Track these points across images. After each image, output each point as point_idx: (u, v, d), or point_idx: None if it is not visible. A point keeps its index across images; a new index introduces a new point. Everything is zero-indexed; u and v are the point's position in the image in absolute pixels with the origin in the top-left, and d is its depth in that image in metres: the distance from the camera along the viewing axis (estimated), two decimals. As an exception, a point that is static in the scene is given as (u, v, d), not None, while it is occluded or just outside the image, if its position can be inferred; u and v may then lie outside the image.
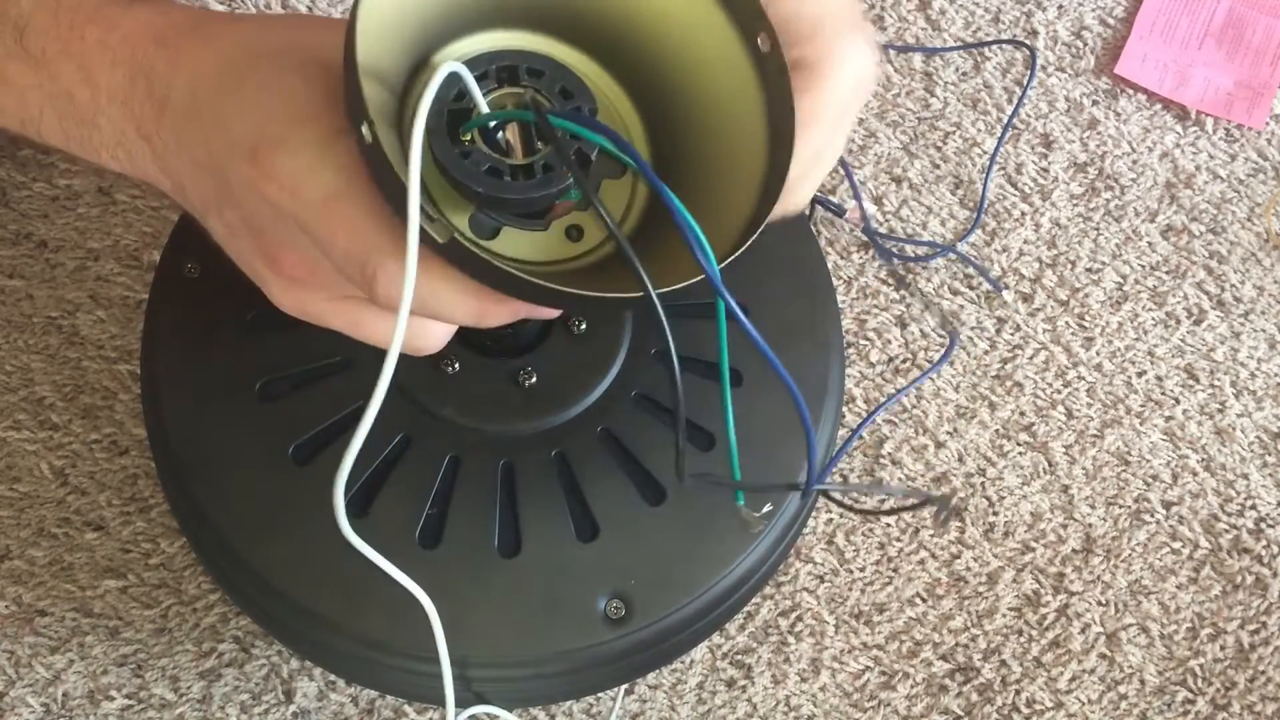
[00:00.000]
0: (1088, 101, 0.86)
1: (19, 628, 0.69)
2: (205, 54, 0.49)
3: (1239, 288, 0.82)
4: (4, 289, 0.75)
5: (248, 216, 0.47)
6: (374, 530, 0.58)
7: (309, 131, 0.45)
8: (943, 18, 0.88)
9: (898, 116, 0.85)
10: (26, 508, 0.71)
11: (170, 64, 0.49)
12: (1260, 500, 0.76)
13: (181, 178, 0.50)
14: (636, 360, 0.62)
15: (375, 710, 0.69)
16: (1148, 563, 0.74)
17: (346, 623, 0.58)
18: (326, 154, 0.45)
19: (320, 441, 0.60)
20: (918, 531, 0.74)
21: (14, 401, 0.73)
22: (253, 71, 0.47)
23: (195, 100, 0.48)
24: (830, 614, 0.72)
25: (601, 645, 0.58)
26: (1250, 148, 0.86)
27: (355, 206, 0.44)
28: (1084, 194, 0.84)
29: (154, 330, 0.62)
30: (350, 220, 0.44)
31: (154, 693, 0.68)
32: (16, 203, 0.77)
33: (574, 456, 0.60)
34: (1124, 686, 0.72)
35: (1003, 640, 0.72)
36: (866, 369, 0.78)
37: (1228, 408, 0.78)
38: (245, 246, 0.49)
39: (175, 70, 0.49)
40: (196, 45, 0.49)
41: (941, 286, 0.80)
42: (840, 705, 0.71)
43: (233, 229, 0.49)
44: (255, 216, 0.46)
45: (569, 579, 0.58)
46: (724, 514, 0.60)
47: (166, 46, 0.49)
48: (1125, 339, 0.80)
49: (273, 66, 0.47)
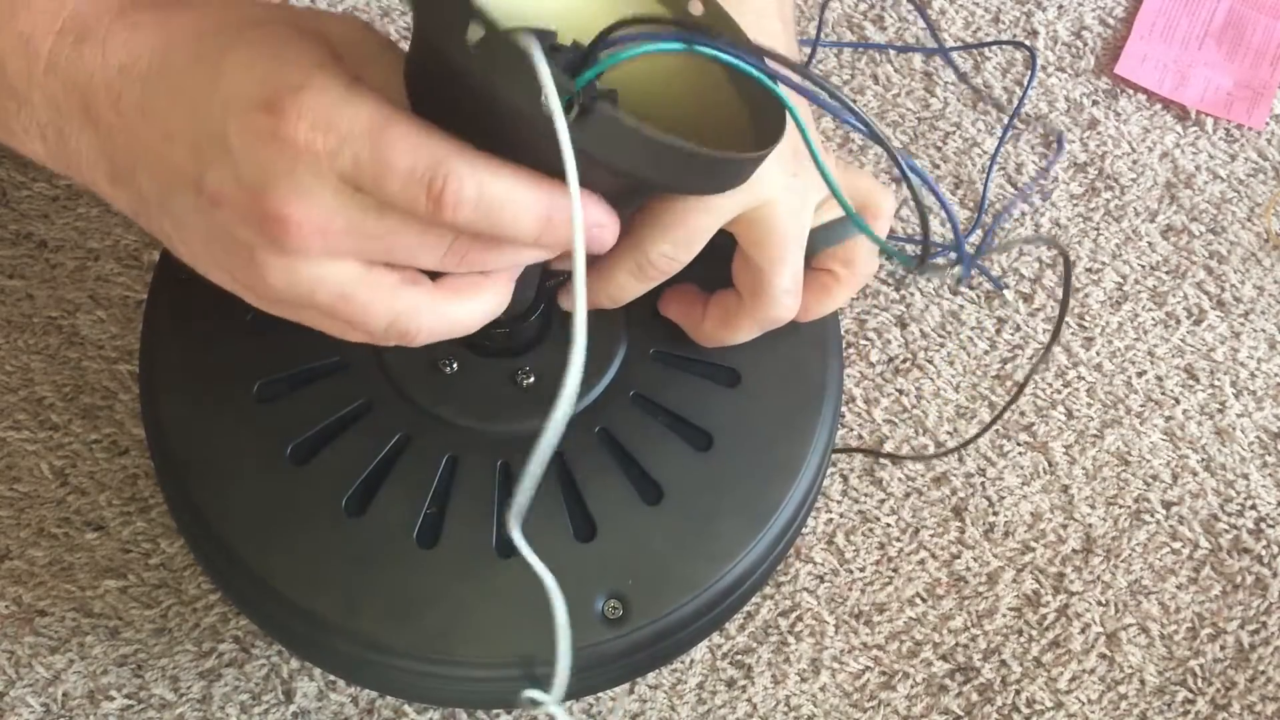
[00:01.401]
0: (1088, 101, 0.86)
1: (19, 628, 0.69)
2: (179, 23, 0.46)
3: (1239, 288, 0.81)
4: (4, 289, 0.75)
5: (247, 175, 0.43)
6: (372, 530, 0.58)
7: (329, 75, 0.43)
8: (943, 18, 0.88)
9: (898, 116, 0.85)
10: (26, 508, 0.71)
11: (132, 32, 0.46)
12: (1260, 500, 0.76)
13: (134, 156, 0.47)
14: (634, 360, 0.62)
15: (375, 710, 0.69)
16: (1148, 563, 0.74)
17: (346, 623, 0.57)
18: (356, 91, 0.43)
19: (318, 441, 0.60)
20: (918, 531, 0.74)
21: (14, 401, 0.73)
22: (244, 32, 0.45)
23: (170, 66, 0.45)
24: (830, 614, 0.72)
25: (599, 645, 0.58)
26: (1250, 148, 0.86)
27: (407, 125, 0.43)
28: (1084, 194, 0.84)
29: (152, 330, 0.62)
30: (405, 138, 0.42)
31: (154, 693, 0.68)
32: (16, 203, 0.77)
33: (571, 456, 0.60)
34: (1124, 686, 0.72)
35: (1003, 640, 0.72)
36: (866, 369, 0.78)
37: (1228, 408, 0.78)
38: (232, 216, 0.44)
39: (140, 36, 0.46)
40: (166, 17, 0.47)
41: (942, 286, 0.80)
42: (840, 705, 0.70)
43: (216, 199, 0.44)
44: (261, 172, 0.43)
45: (566, 579, 0.58)
46: (722, 513, 0.60)
47: (127, 17, 0.47)
48: (1125, 339, 0.80)
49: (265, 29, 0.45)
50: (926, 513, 0.74)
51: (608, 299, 0.57)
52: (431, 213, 0.43)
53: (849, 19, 0.88)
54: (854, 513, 0.74)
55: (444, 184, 0.42)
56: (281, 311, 0.48)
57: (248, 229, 0.44)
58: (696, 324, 0.61)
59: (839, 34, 0.87)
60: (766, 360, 0.62)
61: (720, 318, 0.60)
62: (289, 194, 0.43)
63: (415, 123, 0.43)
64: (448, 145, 0.43)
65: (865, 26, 0.88)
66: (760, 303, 0.58)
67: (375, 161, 0.42)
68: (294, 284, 0.45)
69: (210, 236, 0.46)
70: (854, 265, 0.60)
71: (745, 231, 0.56)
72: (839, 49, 0.87)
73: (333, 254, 0.45)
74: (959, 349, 0.79)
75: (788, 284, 0.58)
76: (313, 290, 0.45)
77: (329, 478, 0.59)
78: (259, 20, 0.46)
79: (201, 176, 0.45)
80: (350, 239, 0.44)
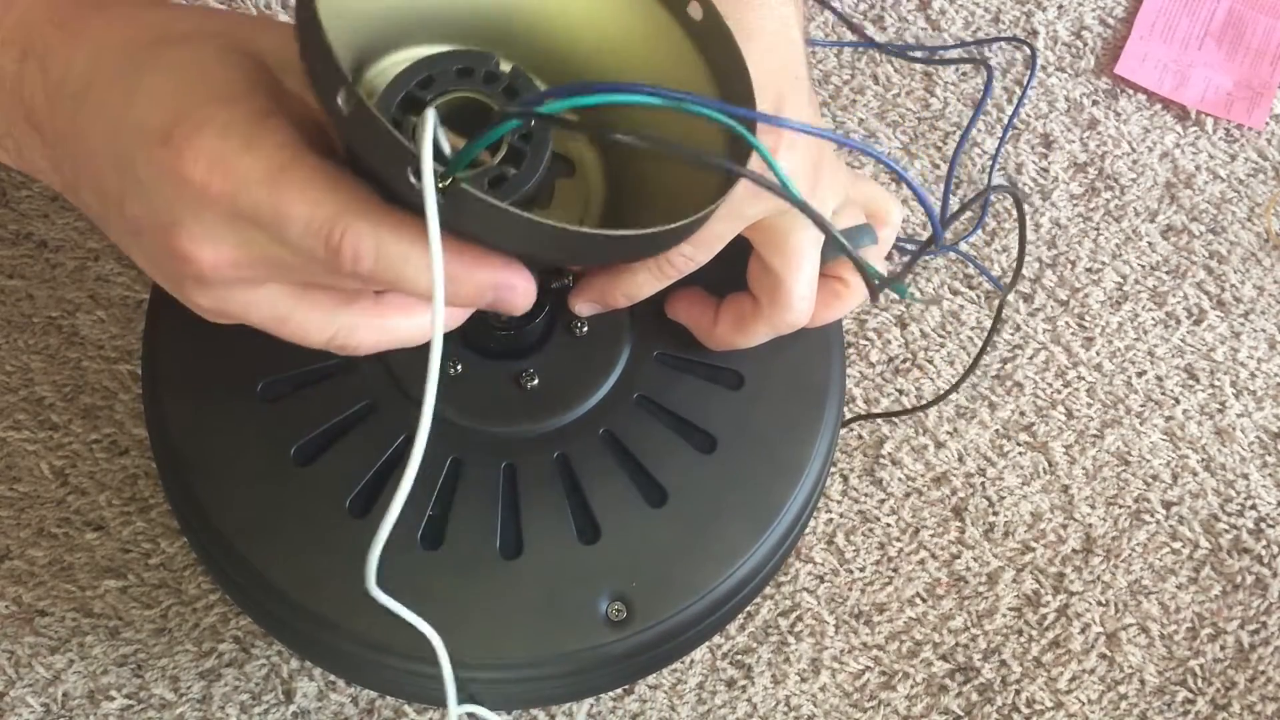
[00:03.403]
0: (1088, 101, 0.86)
1: (19, 628, 0.69)
2: (109, 34, 0.46)
3: (1239, 288, 0.82)
4: (4, 289, 0.75)
5: (157, 209, 0.43)
6: (375, 531, 0.58)
7: (236, 111, 0.42)
8: (943, 18, 0.88)
9: (898, 116, 0.85)
10: (26, 508, 0.71)
11: (69, 45, 0.46)
12: (1260, 500, 0.76)
13: (76, 171, 0.46)
14: (638, 362, 0.62)
15: (375, 710, 0.69)
16: (1148, 563, 0.74)
17: (347, 623, 0.57)
18: (262, 130, 0.42)
19: (322, 442, 0.59)
20: (918, 531, 0.74)
21: (14, 401, 0.73)
22: (164, 52, 0.44)
23: (95, 83, 0.45)
24: (830, 614, 0.72)
25: (603, 647, 0.58)
26: (1250, 148, 0.86)
27: (309, 174, 0.41)
28: (1084, 194, 0.84)
29: (155, 330, 0.62)
30: (306, 188, 0.41)
31: (154, 693, 0.68)
32: (16, 203, 0.77)
33: (576, 458, 0.60)
34: (1124, 686, 0.72)
35: (1003, 640, 0.72)
36: (866, 369, 0.78)
37: (1228, 408, 0.78)
38: (152, 245, 0.44)
39: (74, 51, 0.45)
40: (100, 27, 0.46)
41: (942, 286, 0.80)
42: (840, 705, 0.71)
43: (136, 226, 0.45)
44: (168, 208, 0.43)
45: (570, 581, 0.58)
46: (726, 515, 0.60)
47: (65, 28, 0.46)
48: (1125, 339, 0.80)
49: (187, 49, 0.44)
50: (926, 513, 0.75)
51: (624, 297, 0.57)
52: (329, 262, 0.42)
53: (849, 18, 0.88)
54: (854, 513, 0.74)
55: (341, 237, 0.41)
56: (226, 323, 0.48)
57: (165, 260, 0.44)
58: (708, 328, 0.61)
59: (839, 34, 0.87)
60: (770, 363, 0.62)
61: (734, 322, 0.60)
62: (194, 232, 0.43)
63: (317, 170, 0.42)
64: (349, 197, 0.42)
65: (865, 27, 0.87)
66: (777, 308, 0.58)
67: (272, 209, 0.41)
68: (226, 310, 0.46)
69: (145, 257, 0.46)
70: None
71: (764, 238, 0.57)
72: (839, 49, 0.87)
73: (252, 283, 0.45)
74: (959, 349, 0.79)
75: (804, 290, 0.58)
76: (247, 313, 0.46)
77: (333, 479, 0.59)
78: (187, 36, 0.45)
79: (123, 202, 0.44)
80: (265, 269, 0.44)
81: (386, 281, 0.43)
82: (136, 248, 0.46)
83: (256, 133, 0.42)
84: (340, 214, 0.41)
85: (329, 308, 0.46)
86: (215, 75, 0.43)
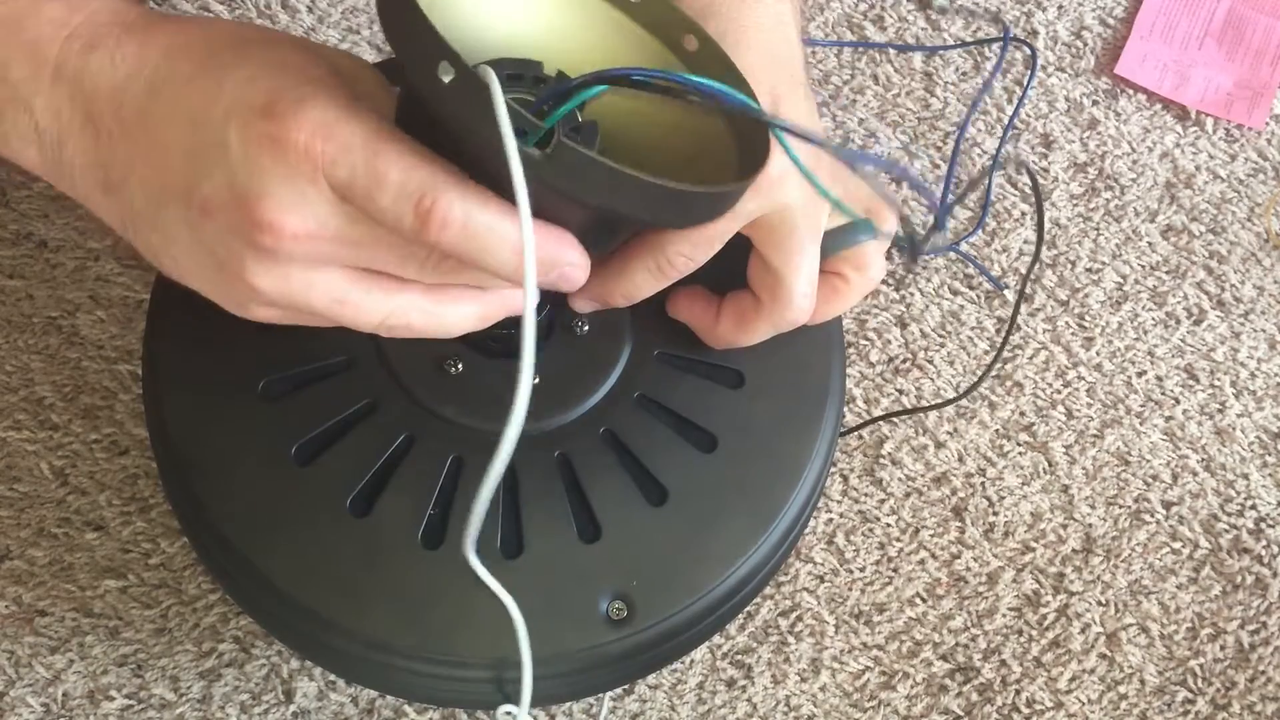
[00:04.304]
0: (1088, 101, 0.86)
1: (19, 628, 0.69)
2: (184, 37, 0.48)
3: (1239, 288, 0.82)
4: (4, 289, 0.75)
5: (244, 181, 0.45)
6: (376, 530, 0.58)
7: (331, 92, 0.45)
8: (943, 17, 0.88)
9: (898, 116, 0.85)
10: (26, 508, 0.71)
11: (141, 44, 0.48)
12: (1260, 500, 0.76)
13: (130, 164, 0.48)
14: (638, 361, 0.62)
15: (375, 710, 0.69)
16: (1148, 563, 0.74)
17: (347, 623, 0.57)
18: (356, 107, 0.45)
19: (323, 442, 0.59)
20: (918, 531, 0.74)
21: (14, 401, 0.73)
22: (249, 50, 0.47)
23: (173, 78, 0.47)
24: (830, 614, 0.72)
25: (603, 646, 0.58)
26: (1250, 148, 0.86)
27: (404, 144, 0.44)
28: (1084, 194, 0.84)
29: (156, 329, 0.62)
30: (401, 155, 0.44)
31: (154, 693, 0.68)
32: (16, 203, 0.77)
33: (576, 457, 0.60)
34: (1124, 686, 0.72)
35: (1003, 640, 0.72)
36: (866, 369, 0.78)
37: (1228, 408, 0.78)
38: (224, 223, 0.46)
39: (146, 49, 0.47)
40: (172, 32, 0.48)
41: (942, 286, 0.80)
42: (840, 705, 0.71)
43: (206, 208, 0.46)
44: (259, 178, 0.44)
45: (571, 580, 0.58)
46: (727, 514, 0.60)
47: (136, 32, 0.48)
48: (1125, 339, 0.80)
49: (271, 47, 0.47)
50: (926, 513, 0.75)
51: (623, 297, 0.57)
52: (416, 230, 0.44)
53: (849, 19, 0.88)
54: (854, 513, 0.74)
55: (432, 204, 0.44)
56: (264, 317, 0.49)
57: (238, 238, 0.46)
58: (709, 326, 0.61)
59: (839, 34, 0.87)
60: (770, 361, 0.62)
61: (735, 320, 0.60)
62: (284, 201, 0.44)
63: (412, 144, 0.44)
64: (442, 169, 0.44)
65: (865, 26, 0.88)
66: (778, 305, 0.58)
67: (370, 174, 0.44)
68: (286, 289, 0.47)
69: (197, 249, 0.48)
70: (865, 269, 0.60)
71: (763, 235, 0.57)
72: (839, 49, 0.87)
73: (319, 262, 0.46)
74: (959, 349, 0.79)
75: (805, 287, 0.58)
76: (307, 293, 0.47)
77: (333, 478, 0.59)
78: (267, 39, 0.48)
79: (194, 187, 0.46)
80: (338, 247, 0.46)
81: (467, 252, 0.45)
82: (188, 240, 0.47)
83: (351, 109, 0.44)
84: (433, 181, 0.44)
85: (385, 291, 0.48)
86: (305, 68, 0.46)
